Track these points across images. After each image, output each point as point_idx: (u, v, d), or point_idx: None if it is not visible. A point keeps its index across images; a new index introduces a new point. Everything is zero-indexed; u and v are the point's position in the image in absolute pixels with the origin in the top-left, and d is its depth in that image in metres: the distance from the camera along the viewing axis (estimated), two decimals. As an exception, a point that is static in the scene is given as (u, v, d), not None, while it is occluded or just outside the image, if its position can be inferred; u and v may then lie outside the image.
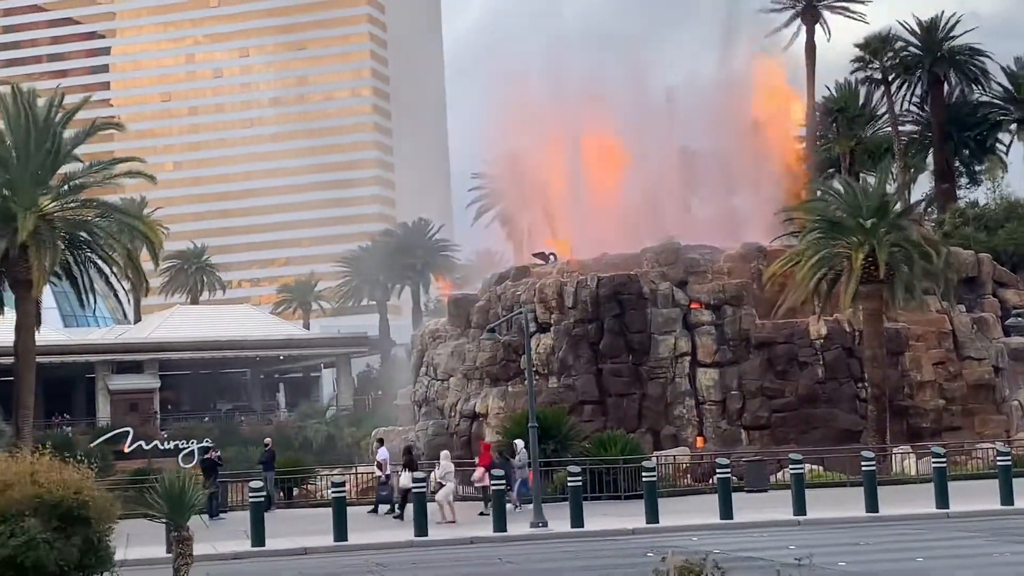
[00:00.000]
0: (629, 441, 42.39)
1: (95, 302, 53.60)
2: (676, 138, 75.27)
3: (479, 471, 36.35)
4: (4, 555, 11.54)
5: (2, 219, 42.80)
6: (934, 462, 32.66)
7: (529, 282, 53.23)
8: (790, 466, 33.16)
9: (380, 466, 38.06)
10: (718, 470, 32.43)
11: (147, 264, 52.65)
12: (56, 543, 11.67)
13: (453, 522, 32.37)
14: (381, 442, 39.04)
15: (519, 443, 37.15)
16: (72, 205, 45.11)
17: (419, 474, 32.59)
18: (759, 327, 49.84)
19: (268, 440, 47.60)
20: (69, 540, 11.82)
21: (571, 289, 50.90)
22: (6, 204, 42.89)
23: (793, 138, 73.67)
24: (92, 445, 66.93)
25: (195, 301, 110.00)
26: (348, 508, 30.31)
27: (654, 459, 37.99)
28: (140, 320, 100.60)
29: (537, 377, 46.55)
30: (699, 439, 47.86)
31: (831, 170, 76.45)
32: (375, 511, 37.89)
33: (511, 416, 44.86)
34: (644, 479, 31.64)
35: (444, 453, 35.37)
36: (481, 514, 33.99)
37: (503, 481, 31.37)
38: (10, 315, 45.88)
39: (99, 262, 46.92)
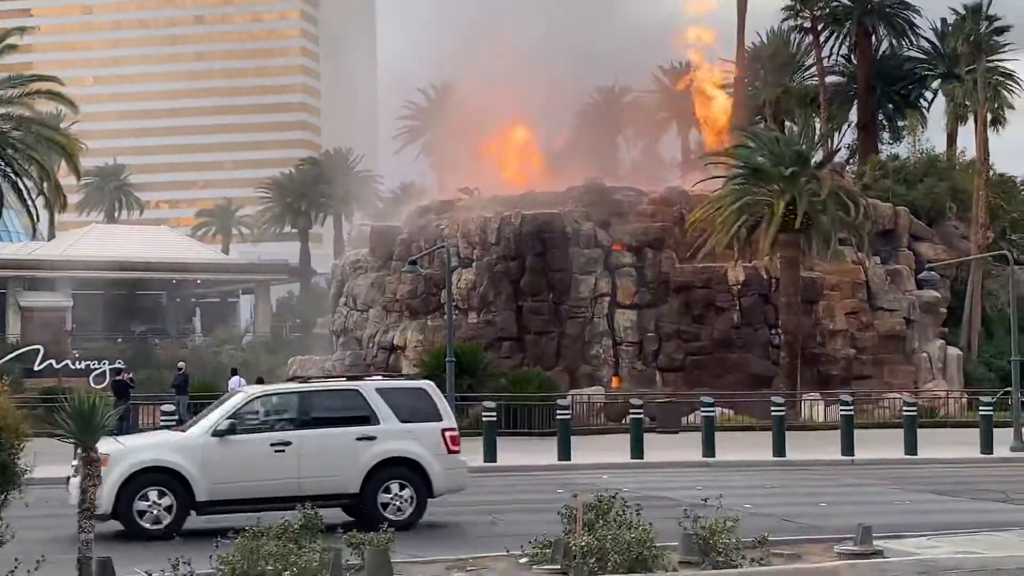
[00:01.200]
0: (545, 379, 42.70)
1: (6, 217, 52.51)
2: (605, 78, 75.19)
3: None
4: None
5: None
6: (842, 410, 33.30)
7: (453, 216, 53.08)
8: (701, 409, 33.62)
9: None
10: (631, 410, 32.79)
11: (66, 180, 51.69)
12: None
13: None
14: (235, 371, 38.29)
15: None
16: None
17: None
18: (679, 271, 50.23)
19: (182, 364, 47.16)
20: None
21: (495, 225, 50.84)
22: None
23: (721, 83, 73.90)
24: (1, 362, 65.86)
25: (112, 220, 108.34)
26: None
27: (569, 397, 38.34)
28: (55, 237, 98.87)
29: (457, 312, 46.57)
30: (615, 379, 48.29)
31: (757, 117, 76.85)
32: None
33: (429, 350, 44.89)
34: (558, 417, 31.90)
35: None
36: None
37: None
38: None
39: (13, 175, 45.91)
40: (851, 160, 74.73)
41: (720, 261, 49.84)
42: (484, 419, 31.40)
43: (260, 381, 37.22)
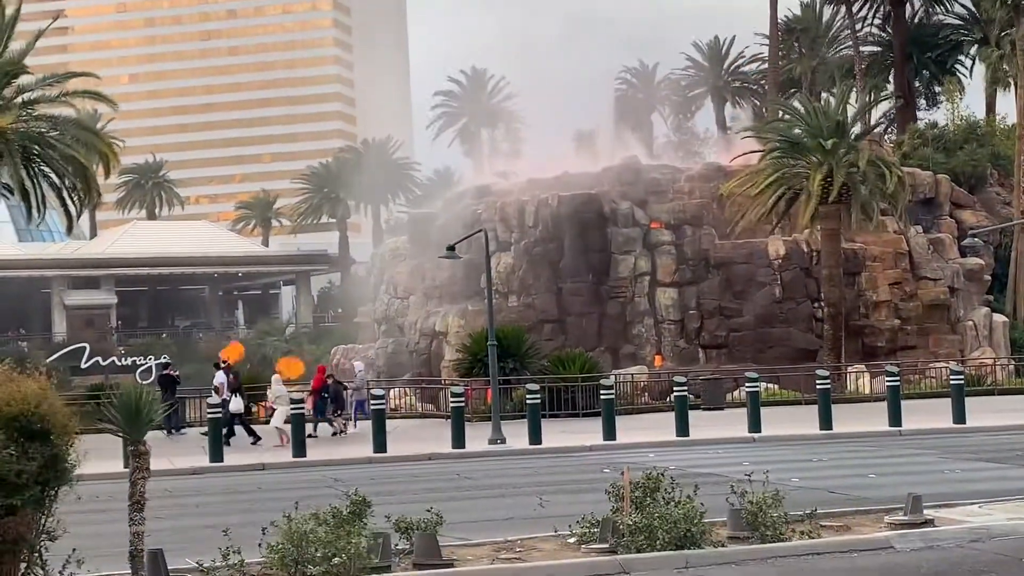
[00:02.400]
0: (588, 359, 42.62)
1: (49, 217, 52.99)
2: (637, 57, 74.86)
3: (309, 396, 35.61)
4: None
5: (-46, 131, 42.01)
6: (888, 381, 33.06)
7: (490, 200, 53.05)
8: (746, 384, 33.49)
9: (217, 390, 36.34)
10: (675, 388, 32.70)
11: (106, 180, 52.01)
12: (16, 456, 11.58)
13: (283, 446, 31.18)
14: (217, 366, 38.08)
15: (359, 365, 37.93)
16: (25, 118, 44.33)
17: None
18: (718, 247, 50.02)
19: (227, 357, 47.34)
20: (28, 454, 11.74)
21: (532, 208, 50.79)
22: (-43, 116, 42.08)
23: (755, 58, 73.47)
24: (48, 361, 66.56)
25: (152, 217, 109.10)
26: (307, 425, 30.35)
27: (612, 377, 38.26)
28: (96, 235, 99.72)
29: (497, 296, 46.55)
30: (657, 358, 48.19)
31: (792, 91, 76.35)
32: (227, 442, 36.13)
33: (471, 334, 44.92)
34: (602, 397, 31.85)
35: (275, 377, 34.70)
36: (309, 436, 33.24)
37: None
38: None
39: (52, 176, 46.28)
40: (889, 129, 74.12)
41: (760, 236, 49.60)
42: (528, 401, 31.43)
43: (236, 376, 36.75)
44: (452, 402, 31.39)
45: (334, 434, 35.24)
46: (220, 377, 36.57)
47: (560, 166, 53.99)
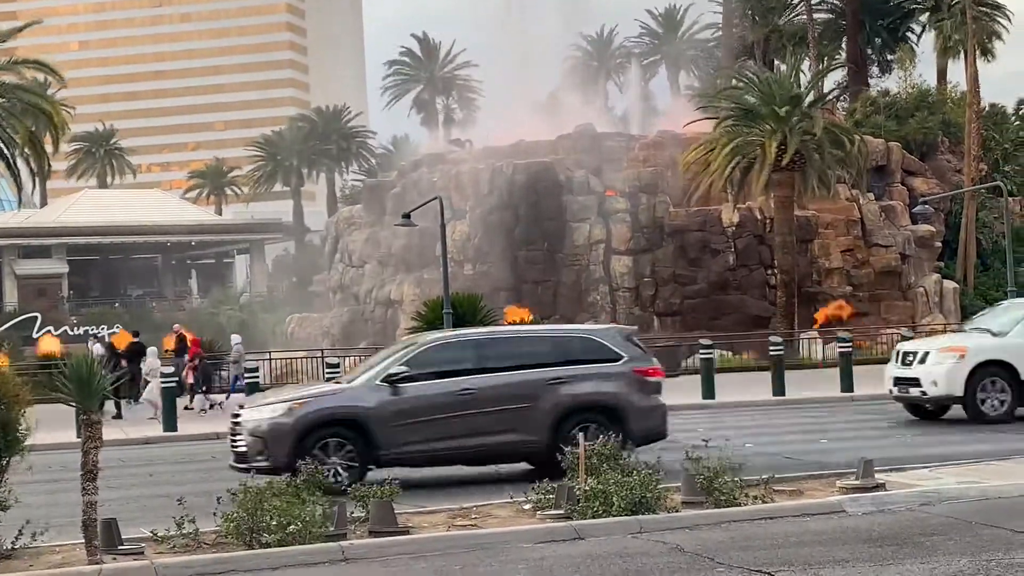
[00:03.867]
0: (543, 327, 42.64)
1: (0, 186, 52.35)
2: (591, 24, 74.81)
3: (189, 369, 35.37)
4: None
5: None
6: (840, 347, 33.33)
7: (445, 168, 52.94)
8: (700, 351, 33.67)
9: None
10: (630, 355, 32.77)
11: (57, 150, 51.40)
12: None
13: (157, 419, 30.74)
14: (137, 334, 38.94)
15: (235, 338, 37.91)
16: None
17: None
18: (672, 215, 50.20)
19: (177, 326, 47.10)
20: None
21: (487, 176, 50.76)
22: (-97, 83, 41.45)
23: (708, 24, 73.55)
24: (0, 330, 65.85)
25: (104, 185, 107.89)
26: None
27: (568, 345, 38.29)
28: (46, 204, 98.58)
29: (452, 264, 46.48)
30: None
31: (744, 58, 76.47)
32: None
33: (426, 302, 44.83)
34: (557, 364, 31.84)
35: (151, 350, 34.66)
36: (186, 408, 33.22)
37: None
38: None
39: (0, 144, 45.73)
40: (842, 97, 74.44)
41: (714, 204, 49.79)
42: (483, 369, 31.40)
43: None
44: (247, 378, 31.15)
45: (201, 410, 34.51)
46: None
47: (515, 134, 53.96)
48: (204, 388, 35.37)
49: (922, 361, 24.13)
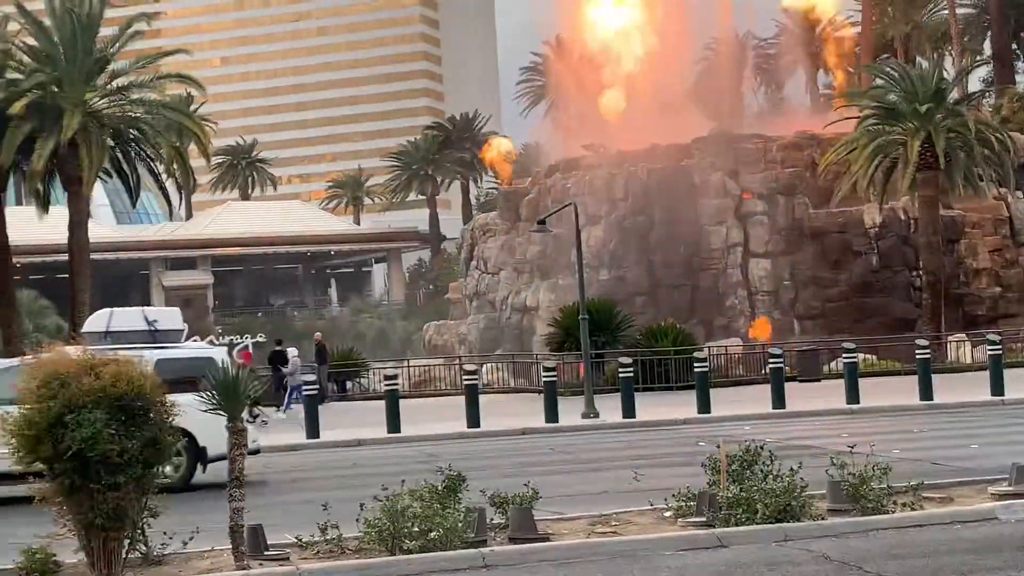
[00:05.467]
0: (680, 332, 42.31)
1: (147, 200, 53.93)
2: (727, 26, 74.02)
3: None
4: (71, 446, 11.69)
5: (52, 116, 42.86)
6: (989, 350, 32.35)
7: (579, 174, 52.88)
8: (843, 355, 33.00)
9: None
10: (771, 360, 32.33)
11: (198, 162, 52.75)
12: (118, 435, 11.80)
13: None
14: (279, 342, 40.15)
15: (292, 350, 38.33)
16: (120, 102, 45.08)
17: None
18: (813, 216, 49.38)
19: (318, 334, 47.90)
20: (130, 432, 11.96)
21: (621, 181, 50.55)
22: (55, 101, 42.90)
23: (847, 23, 72.22)
24: (148, 341, 67.69)
25: (246, 197, 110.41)
26: (400, 400, 30.52)
27: (706, 350, 37.95)
28: (191, 217, 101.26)
29: (587, 269, 46.39)
30: (751, 330, 47.73)
31: (886, 55, 74.90)
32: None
33: (562, 308, 44.87)
34: (696, 369, 31.58)
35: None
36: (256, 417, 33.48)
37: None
38: (65, 214, 46.24)
39: (148, 159, 47.06)
40: (987, 93, 72.42)
41: (855, 204, 48.83)
42: (620, 375, 31.27)
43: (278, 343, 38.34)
44: (544, 377, 31.35)
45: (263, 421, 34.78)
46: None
47: (649, 138, 53.62)
48: (293, 396, 35.82)
49: None
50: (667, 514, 14.26)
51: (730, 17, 68.31)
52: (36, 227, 53.28)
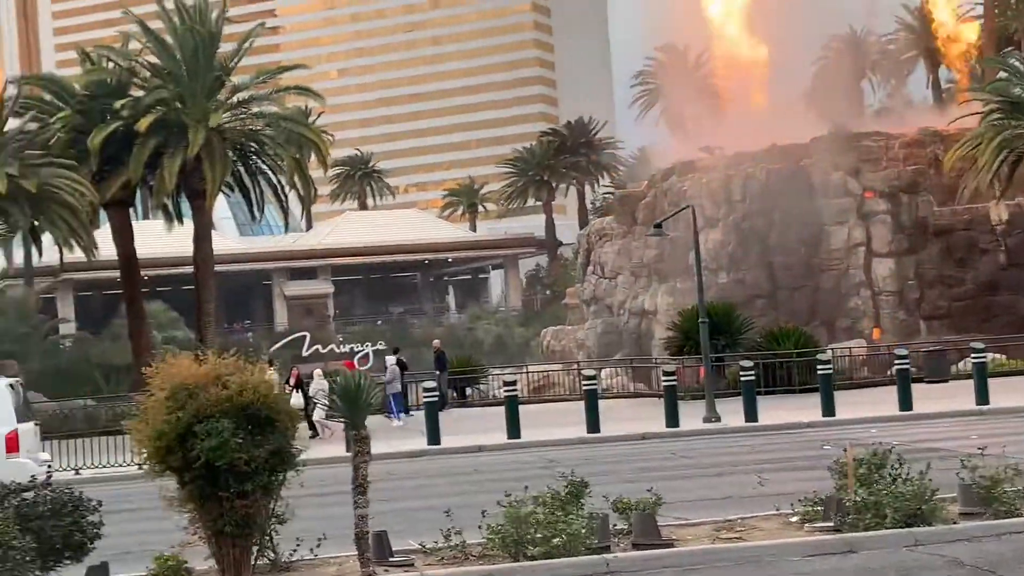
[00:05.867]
0: (803, 334, 41.68)
1: (267, 211, 54.88)
2: (842, 23, 72.90)
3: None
4: (199, 455, 11.92)
5: (176, 133, 43.86)
6: None
7: (695, 176, 52.46)
8: (972, 355, 32.23)
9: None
10: (896, 361, 31.72)
11: (317, 172, 53.52)
12: (245, 444, 11.99)
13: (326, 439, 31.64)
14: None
15: (390, 359, 38.59)
16: (241, 115, 45.98)
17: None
18: (937, 214, 48.32)
19: (437, 342, 48.20)
20: (256, 441, 12.14)
21: (739, 182, 50.04)
22: (178, 118, 43.90)
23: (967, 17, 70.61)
24: (272, 349, 68.93)
25: (363, 207, 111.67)
26: (520, 406, 30.57)
27: (829, 351, 37.31)
28: (311, 227, 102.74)
29: (706, 272, 45.92)
30: (875, 330, 46.86)
31: (1009, 48, 73.00)
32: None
33: (681, 312, 44.53)
34: (819, 372, 31.13)
35: (317, 373, 34.74)
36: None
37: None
38: (189, 226, 47.29)
39: (269, 171, 47.92)
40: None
41: (982, 202, 47.65)
42: (742, 378, 30.96)
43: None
44: (664, 381, 31.17)
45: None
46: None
47: (767, 138, 52.96)
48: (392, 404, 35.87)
49: None
50: (793, 519, 14.06)
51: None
52: (162, 240, 54.61)
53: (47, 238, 46.65)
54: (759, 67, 62.12)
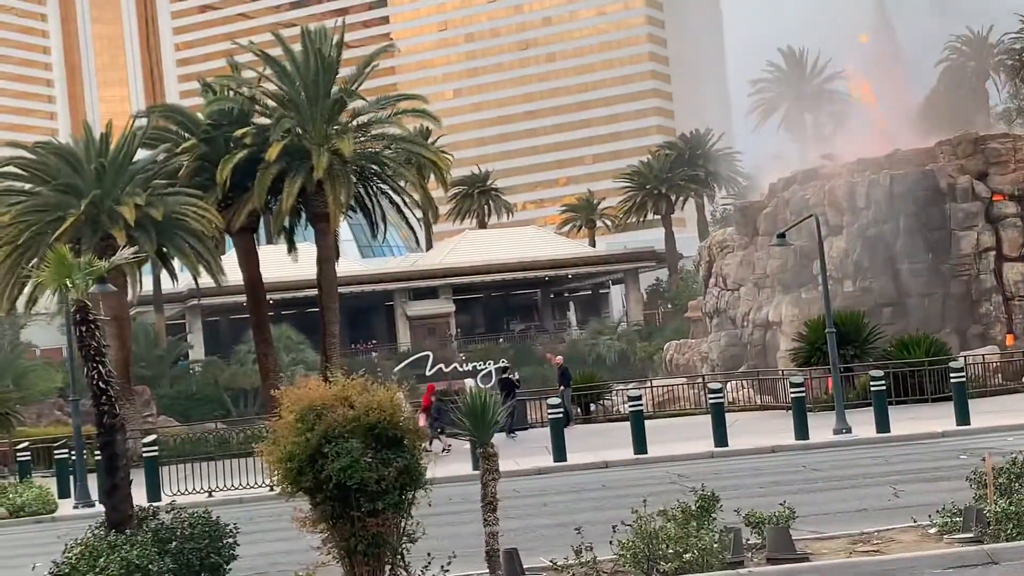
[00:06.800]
0: (933, 342, 40.73)
1: (388, 232, 55.49)
2: (965, 23, 71.40)
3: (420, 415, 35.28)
4: (330, 476, 12.04)
5: (298, 157, 44.58)
6: None
7: (817, 184, 51.68)
8: (1113, 360, 31.17)
9: None
10: (1032, 368, 30.81)
11: (436, 192, 54.01)
12: (375, 464, 12.08)
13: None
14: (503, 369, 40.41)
15: (469, 383, 37.86)
16: (360, 138, 46.56)
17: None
18: (1070, 215, 46.90)
19: (559, 358, 48.18)
20: (386, 460, 12.22)
21: (863, 189, 49.16)
22: (300, 143, 44.62)
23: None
24: (397, 369, 69.65)
25: (482, 225, 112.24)
26: (645, 421, 30.37)
27: (961, 359, 36.39)
28: (431, 247, 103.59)
29: (831, 281, 45.19)
30: (1009, 337, 45.60)
31: None
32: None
33: (806, 322, 43.85)
34: (952, 380, 30.39)
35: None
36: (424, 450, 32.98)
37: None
38: (312, 250, 48.00)
39: (390, 192, 48.45)
40: None
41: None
42: (872, 388, 30.35)
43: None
44: (792, 392, 30.69)
45: (443, 451, 34.80)
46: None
47: (890, 143, 51.96)
48: (440, 429, 35.65)
49: None
50: (931, 531, 13.71)
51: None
52: (285, 264, 55.52)
53: (175, 265, 47.80)
54: (881, 70, 61.09)
